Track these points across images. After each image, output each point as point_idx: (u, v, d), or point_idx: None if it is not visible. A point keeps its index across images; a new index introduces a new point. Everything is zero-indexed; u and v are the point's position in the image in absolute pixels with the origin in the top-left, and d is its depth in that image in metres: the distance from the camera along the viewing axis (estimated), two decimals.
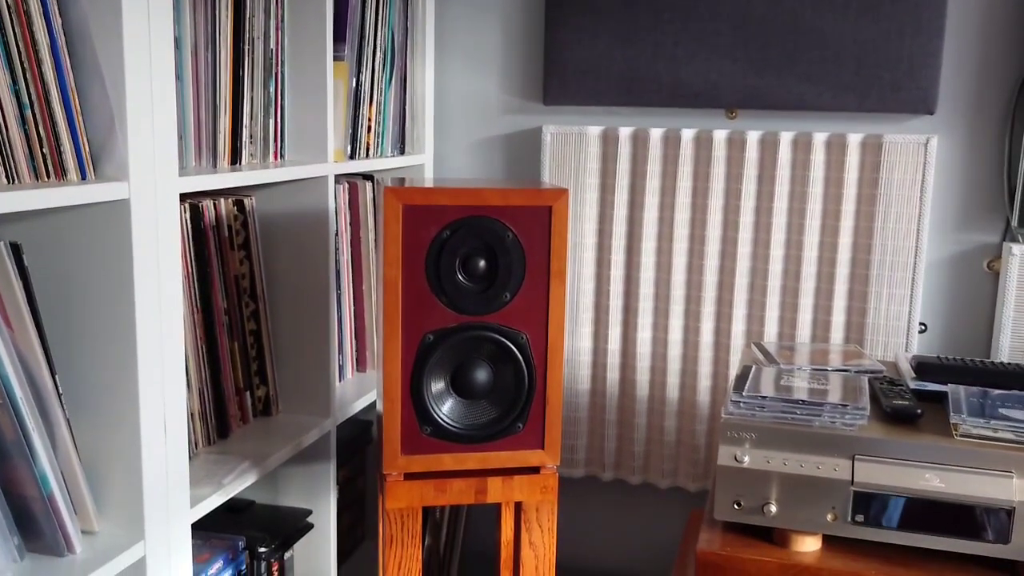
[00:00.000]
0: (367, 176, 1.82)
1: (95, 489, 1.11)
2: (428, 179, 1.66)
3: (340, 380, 1.74)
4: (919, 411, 1.31)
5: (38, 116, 0.97)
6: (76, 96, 1.01)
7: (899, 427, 1.30)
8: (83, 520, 1.08)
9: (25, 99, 0.96)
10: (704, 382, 1.90)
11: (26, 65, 0.96)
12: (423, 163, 1.97)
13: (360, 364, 1.82)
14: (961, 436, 1.26)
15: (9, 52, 0.94)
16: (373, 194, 1.80)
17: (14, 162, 0.95)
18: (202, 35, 1.31)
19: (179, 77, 1.26)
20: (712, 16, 1.81)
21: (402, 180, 1.30)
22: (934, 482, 1.24)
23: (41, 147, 0.98)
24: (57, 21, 0.98)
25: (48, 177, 0.99)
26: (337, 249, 1.67)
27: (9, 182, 0.95)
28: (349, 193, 1.74)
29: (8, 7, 0.93)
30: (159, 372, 1.11)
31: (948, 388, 1.40)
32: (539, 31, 1.96)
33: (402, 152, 1.91)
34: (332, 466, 1.60)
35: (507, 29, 1.98)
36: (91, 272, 1.06)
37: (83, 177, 1.02)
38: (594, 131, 1.90)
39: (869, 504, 1.26)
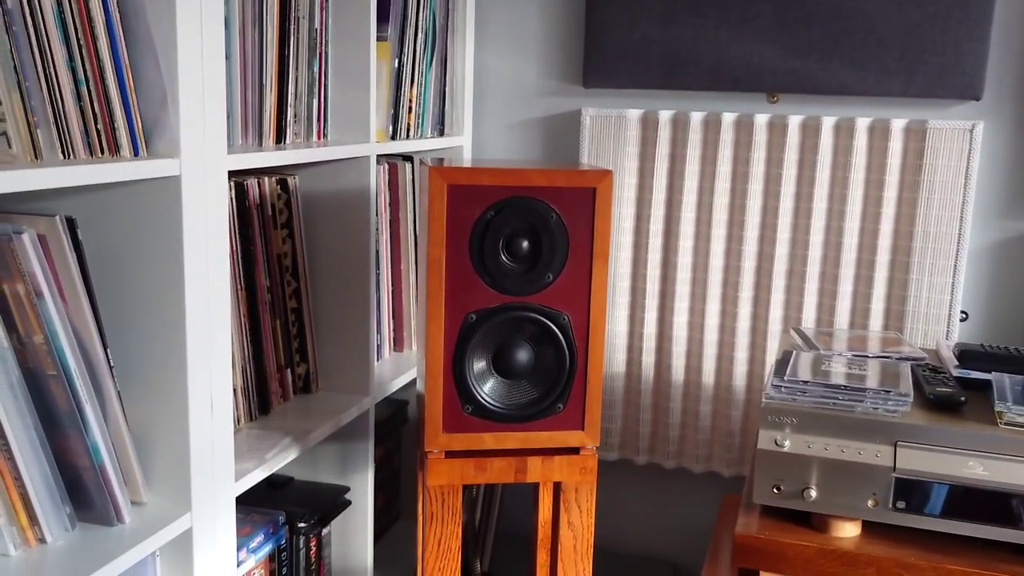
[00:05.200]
0: (407, 157, 1.82)
1: (144, 461, 1.13)
2: (467, 160, 1.66)
3: (378, 359, 1.76)
4: (963, 398, 1.31)
5: (93, 93, 0.99)
6: (130, 73, 1.02)
7: (942, 414, 1.29)
8: (132, 491, 1.11)
9: (81, 76, 0.97)
10: (740, 367, 1.90)
11: (82, 42, 0.97)
12: (462, 144, 1.98)
13: (397, 344, 1.84)
14: (1006, 424, 1.25)
15: (66, 29, 0.95)
16: (413, 175, 1.81)
17: (70, 138, 0.97)
18: (250, 14, 1.32)
19: (227, 56, 1.27)
20: None
21: (441, 160, 1.30)
22: (977, 470, 1.23)
23: (96, 123, 0.99)
24: None
25: (102, 153, 1.00)
26: (376, 229, 1.68)
27: (65, 157, 0.96)
28: (389, 174, 1.75)
29: None
30: (207, 347, 1.13)
31: (992, 376, 1.39)
32: (579, 13, 1.95)
33: (441, 133, 1.92)
34: (370, 444, 1.62)
35: (547, 11, 1.97)
36: (142, 247, 1.08)
37: (136, 153, 1.04)
38: (634, 114, 1.89)
39: (911, 491, 1.25)
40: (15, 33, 0.91)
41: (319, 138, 1.52)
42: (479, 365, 1.21)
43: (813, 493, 1.28)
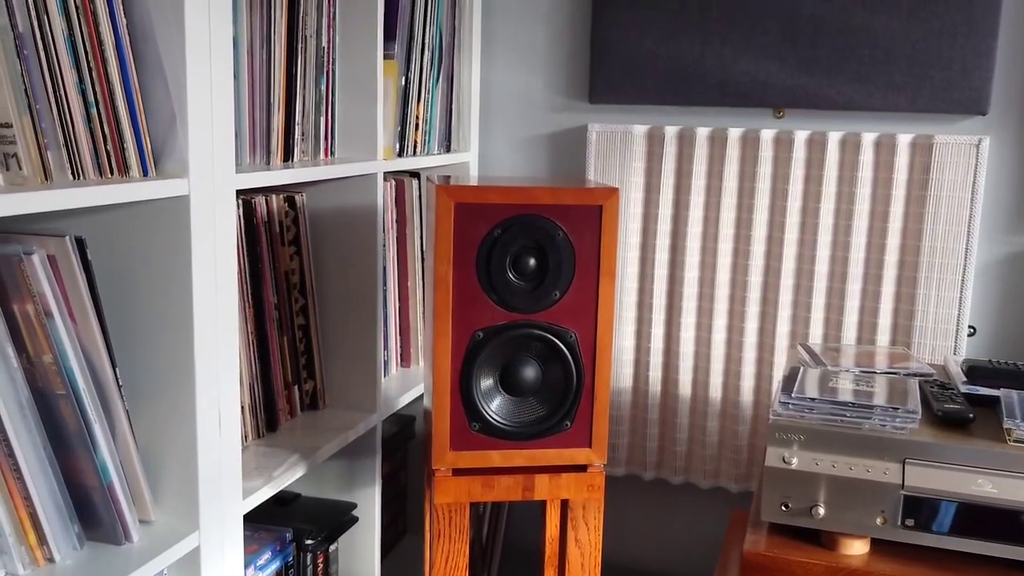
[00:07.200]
0: (414, 174, 1.83)
1: (152, 479, 1.13)
2: (473, 177, 1.67)
3: (385, 375, 1.76)
4: (971, 415, 1.30)
5: (103, 114, 0.99)
6: (139, 95, 1.03)
7: (950, 431, 1.29)
8: (140, 510, 1.11)
9: (91, 97, 0.98)
10: (747, 383, 1.89)
11: (92, 64, 0.98)
12: (468, 161, 1.99)
13: (404, 360, 1.84)
14: (1014, 441, 1.25)
15: (76, 52, 0.96)
16: (420, 192, 1.82)
17: (79, 158, 0.98)
18: (257, 34, 1.32)
19: (235, 75, 1.28)
20: (761, 14, 1.80)
21: (448, 178, 1.31)
22: (986, 487, 1.23)
23: (105, 144, 1.00)
24: (122, 21, 1.00)
25: (111, 173, 1.01)
26: (383, 246, 1.68)
27: (75, 178, 0.97)
28: (396, 191, 1.76)
29: (76, 7, 0.95)
30: (215, 365, 1.13)
31: (1000, 392, 1.38)
32: (586, 29, 1.96)
33: (448, 150, 1.93)
34: (377, 460, 1.62)
35: (553, 28, 1.98)
36: (151, 267, 1.08)
37: (145, 174, 1.04)
38: (640, 130, 1.89)
39: (919, 508, 1.25)
40: (26, 57, 0.92)
41: (326, 156, 1.53)
42: (486, 383, 1.21)
43: (821, 511, 1.28)
